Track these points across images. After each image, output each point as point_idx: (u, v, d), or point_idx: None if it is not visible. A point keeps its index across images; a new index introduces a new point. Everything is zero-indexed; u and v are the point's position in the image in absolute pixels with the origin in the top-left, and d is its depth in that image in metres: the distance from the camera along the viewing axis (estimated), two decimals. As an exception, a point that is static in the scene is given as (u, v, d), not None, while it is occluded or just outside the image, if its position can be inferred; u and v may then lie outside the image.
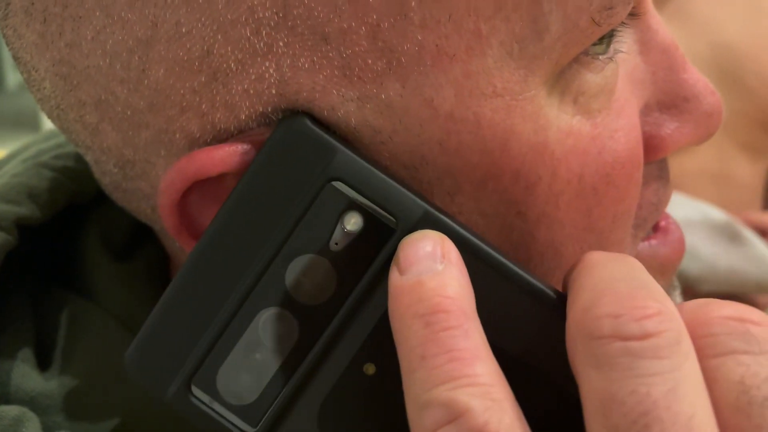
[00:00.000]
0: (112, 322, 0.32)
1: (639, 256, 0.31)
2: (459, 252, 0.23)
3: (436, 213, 0.24)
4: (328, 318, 0.24)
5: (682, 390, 0.19)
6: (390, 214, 0.24)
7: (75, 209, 0.36)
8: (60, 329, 0.32)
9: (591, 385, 0.20)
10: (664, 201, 0.32)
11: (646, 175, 0.31)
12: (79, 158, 0.36)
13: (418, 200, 0.24)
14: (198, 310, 0.25)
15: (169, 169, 0.26)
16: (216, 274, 0.25)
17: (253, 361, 0.24)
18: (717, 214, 0.88)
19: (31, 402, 0.30)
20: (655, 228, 0.33)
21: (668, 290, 0.34)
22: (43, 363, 0.32)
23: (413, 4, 0.24)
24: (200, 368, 0.25)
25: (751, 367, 0.20)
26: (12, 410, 0.28)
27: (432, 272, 0.22)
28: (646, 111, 0.30)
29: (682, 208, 0.87)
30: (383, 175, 0.24)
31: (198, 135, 0.26)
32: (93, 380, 0.31)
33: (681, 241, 0.33)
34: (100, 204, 0.36)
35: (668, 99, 0.31)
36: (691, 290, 0.92)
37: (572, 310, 0.22)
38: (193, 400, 0.25)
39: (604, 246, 0.28)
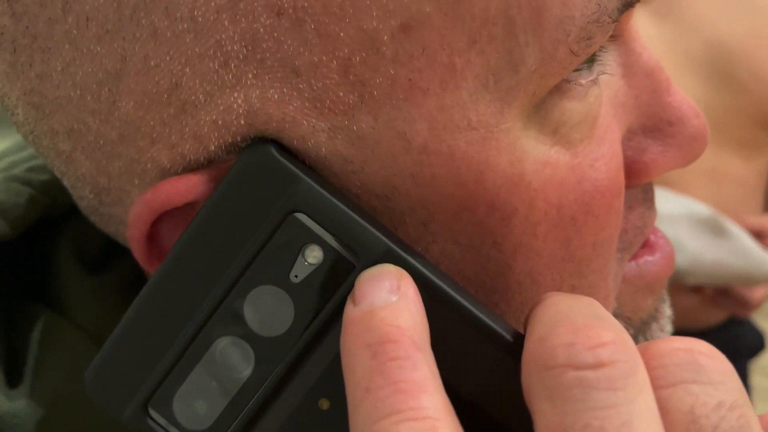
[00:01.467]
0: (81, 337, 0.32)
1: (626, 278, 0.31)
2: (418, 289, 0.23)
3: (399, 251, 0.24)
4: (285, 350, 0.24)
5: (636, 423, 0.19)
6: (351, 250, 0.24)
7: (48, 222, 0.35)
8: (31, 345, 0.32)
9: (545, 418, 0.20)
10: (649, 223, 0.32)
11: (630, 200, 0.30)
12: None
13: (382, 237, 0.24)
14: (157, 333, 0.25)
15: (137, 201, 0.26)
16: (176, 298, 0.25)
17: (209, 387, 0.25)
18: (701, 208, 0.89)
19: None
20: (644, 242, 0.32)
21: (658, 304, 0.33)
22: (13, 380, 0.32)
23: (385, 38, 0.23)
24: (157, 391, 0.25)
25: (700, 397, 0.20)
26: None
27: (385, 303, 0.22)
28: (629, 135, 0.30)
29: (666, 202, 0.87)
30: (347, 209, 0.24)
31: (168, 166, 0.26)
32: (59, 400, 0.31)
33: (669, 257, 0.33)
34: (74, 216, 0.36)
35: (652, 123, 0.30)
36: (678, 283, 0.92)
37: (527, 343, 0.21)
38: (150, 422, 0.25)
39: (584, 274, 0.28)
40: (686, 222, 0.88)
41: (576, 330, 0.20)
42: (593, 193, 0.27)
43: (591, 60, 0.27)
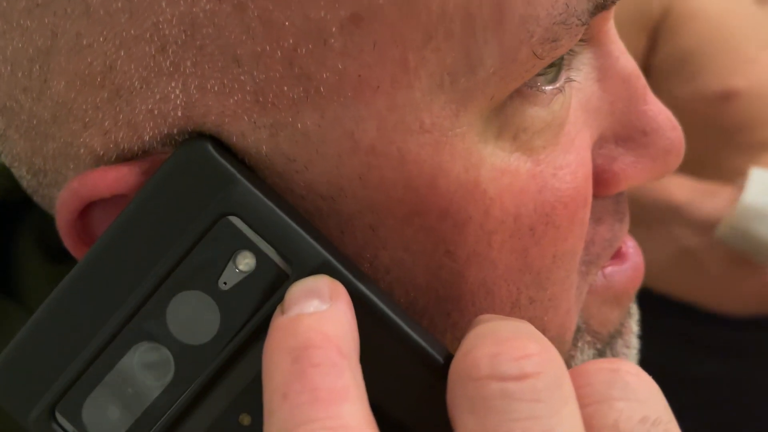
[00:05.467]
0: None
1: (593, 289, 0.30)
2: (352, 303, 0.22)
3: (336, 263, 0.22)
4: (207, 360, 0.23)
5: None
6: (286, 259, 0.22)
7: (8, 207, 0.34)
8: None
9: (466, 430, 0.19)
10: (619, 236, 0.31)
11: (600, 211, 0.29)
12: None
13: (319, 247, 0.22)
14: (72, 333, 0.23)
15: (65, 187, 0.25)
16: (95, 297, 0.23)
17: (123, 394, 0.23)
18: None
19: None
20: (614, 253, 0.31)
21: (624, 318, 0.32)
22: None
23: (334, 29, 0.22)
24: (67, 394, 0.23)
25: (625, 412, 0.20)
26: None
27: (314, 309, 0.21)
28: (600, 143, 0.29)
29: None
30: (285, 216, 0.23)
31: (101, 153, 0.24)
32: None
33: (638, 268, 0.32)
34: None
35: (625, 131, 0.29)
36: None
37: (454, 358, 0.21)
38: (55, 427, 0.23)
39: (544, 286, 0.27)
40: None
41: (501, 342, 0.20)
42: (555, 203, 0.26)
43: (558, 65, 0.25)
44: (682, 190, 1.09)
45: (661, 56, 1.10)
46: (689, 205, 1.08)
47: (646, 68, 1.10)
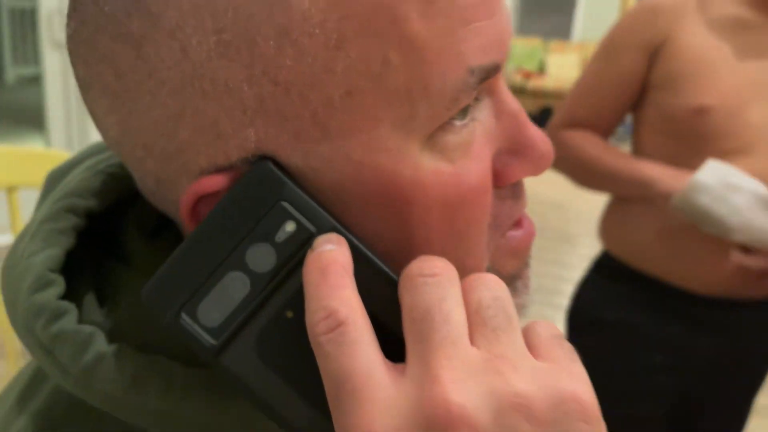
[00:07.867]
0: (142, 281, 0.40)
1: (498, 245, 0.44)
2: (348, 247, 0.37)
3: (340, 227, 0.37)
4: (268, 280, 0.36)
5: (449, 299, 0.34)
6: (313, 225, 0.37)
7: (122, 202, 0.48)
8: (109, 285, 0.44)
9: (405, 302, 0.35)
10: (516, 210, 0.45)
11: (503, 195, 0.45)
12: (123, 166, 0.48)
13: (331, 219, 0.37)
14: (190, 267, 0.36)
15: (186, 190, 0.39)
16: (204, 247, 0.36)
17: (220, 301, 0.36)
18: (765, 190, 1.20)
19: (97, 325, 0.41)
20: (517, 222, 0.45)
21: (522, 267, 0.47)
22: (101, 304, 0.43)
23: (336, 98, 0.38)
24: (188, 302, 0.36)
25: (483, 293, 0.35)
26: (87, 328, 0.40)
27: (329, 248, 0.36)
28: (497, 154, 0.42)
29: (748, 182, 1.19)
30: (312, 202, 0.37)
31: (206, 168, 0.40)
32: (129, 321, 0.42)
33: (529, 233, 0.46)
34: (138, 199, 0.48)
35: (514, 147, 0.43)
36: (725, 239, 1.23)
37: (404, 270, 0.36)
38: (182, 322, 0.36)
39: (464, 241, 0.41)
40: (750, 196, 1.17)
41: (425, 260, 0.36)
42: (467, 191, 0.40)
43: (464, 112, 0.42)
44: (654, 170, 1.28)
45: (655, 74, 1.30)
46: (658, 181, 1.26)
47: (645, 83, 1.32)
